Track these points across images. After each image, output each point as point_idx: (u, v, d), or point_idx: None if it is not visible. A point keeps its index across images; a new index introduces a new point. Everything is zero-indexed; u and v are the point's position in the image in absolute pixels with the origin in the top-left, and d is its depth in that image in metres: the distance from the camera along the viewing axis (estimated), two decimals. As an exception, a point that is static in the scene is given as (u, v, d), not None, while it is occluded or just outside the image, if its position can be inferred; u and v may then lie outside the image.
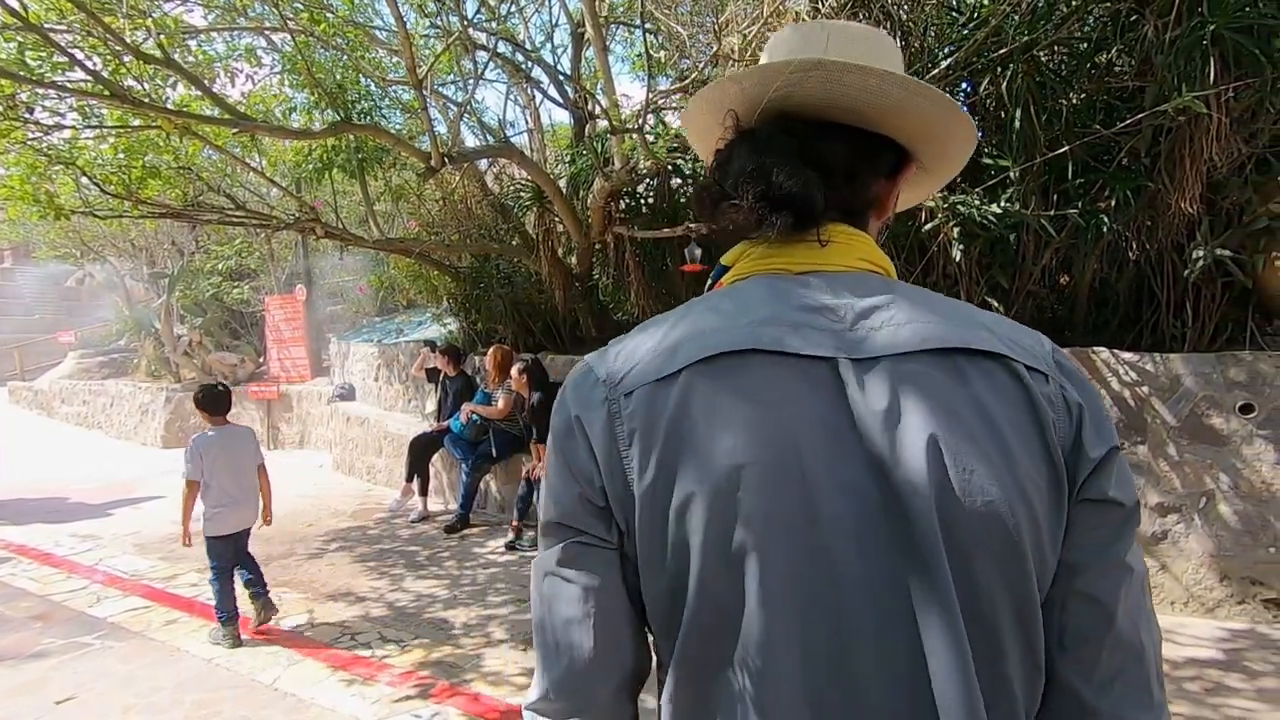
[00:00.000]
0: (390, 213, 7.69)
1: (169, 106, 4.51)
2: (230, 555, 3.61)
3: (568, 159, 5.97)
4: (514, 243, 6.21)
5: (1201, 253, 3.24)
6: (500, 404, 5.50)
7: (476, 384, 6.16)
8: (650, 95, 4.07)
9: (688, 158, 5.03)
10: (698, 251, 4.50)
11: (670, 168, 5.02)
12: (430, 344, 6.64)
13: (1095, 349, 3.51)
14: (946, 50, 3.86)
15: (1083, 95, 3.52)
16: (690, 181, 5.32)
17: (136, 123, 4.71)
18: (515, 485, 5.51)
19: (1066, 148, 3.38)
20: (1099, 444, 0.60)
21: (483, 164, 6.93)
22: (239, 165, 6.36)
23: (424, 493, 5.93)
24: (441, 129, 5.25)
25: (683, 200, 5.17)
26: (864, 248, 0.67)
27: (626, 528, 0.61)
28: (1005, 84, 3.45)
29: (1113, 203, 3.37)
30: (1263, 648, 2.98)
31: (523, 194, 5.93)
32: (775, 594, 0.56)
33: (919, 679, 0.55)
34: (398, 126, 6.37)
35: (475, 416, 5.59)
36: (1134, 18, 3.35)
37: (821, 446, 0.57)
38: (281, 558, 5.01)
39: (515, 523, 5.03)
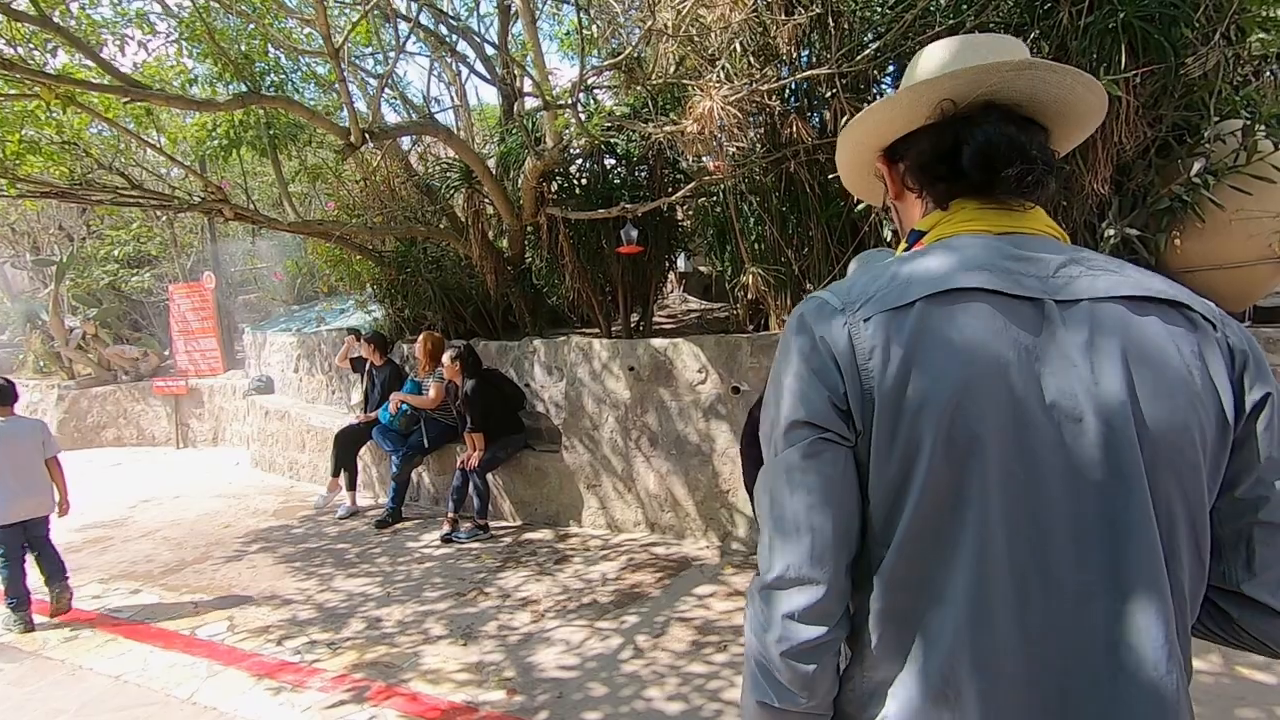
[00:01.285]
0: (307, 194, 7.26)
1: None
2: (17, 543, 3.72)
3: (496, 138, 5.78)
4: (442, 225, 5.97)
5: (1113, 231, 3.42)
6: (432, 393, 5.31)
7: (405, 373, 5.92)
8: (584, 71, 3.95)
9: (621, 137, 4.95)
10: (634, 233, 4.43)
11: (604, 147, 4.92)
12: (355, 332, 6.34)
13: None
14: (874, 33, 3.90)
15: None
16: (624, 162, 5.24)
17: (10, 91, 4.24)
18: (449, 476, 5.34)
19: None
20: (1260, 387, 0.72)
21: (405, 143, 6.63)
22: (134, 141, 5.85)
23: (352, 487, 5.68)
24: (361, 105, 4.97)
25: (617, 181, 5.08)
26: (1046, 218, 0.81)
27: (863, 427, 0.72)
28: (932, 66, 3.51)
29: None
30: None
31: (450, 174, 5.70)
32: (990, 485, 0.67)
33: (1110, 559, 0.66)
34: (311, 102, 6.00)
35: (405, 406, 5.37)
36: (1049, 4, 3.47)
37: (1031, 371, 0.69)
38: (196, 563, 4.69)
39: (450, 515, 4.87)
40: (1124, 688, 0.65)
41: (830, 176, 3.92)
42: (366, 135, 4.10)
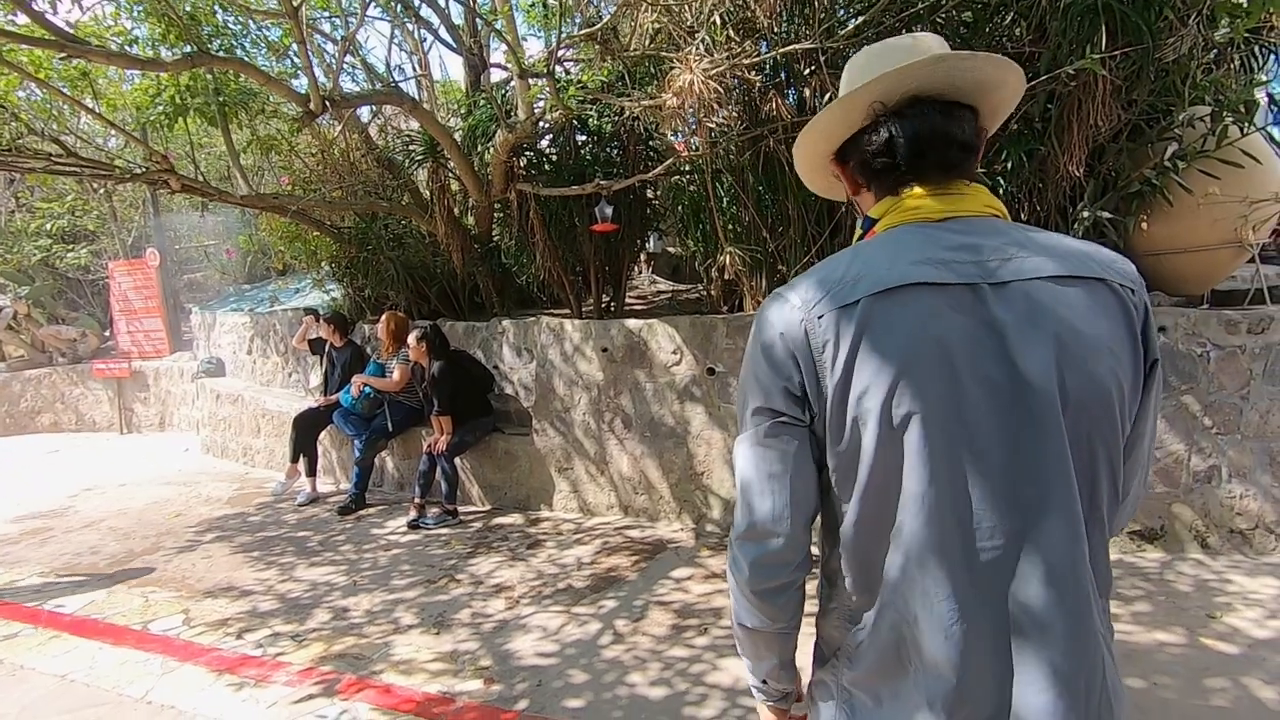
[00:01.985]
0: (259, 167, 6.91)
1: (-30, 27, 3.74)
2: None
3: (462, 111, 5.57)
4: (405, 201, 5.75)
5: (1087, 214, 3.45)
6: (396, 375, 5.13)
7: (367, 354, 5.72)
8: (559, 39, 3.80)
9: (594, 112, 4.81)
10: (608, 210, 4.32)
11: (576, 123, 4.78)
12: (313, 312, 6.08)
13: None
14: (854, 9, 3.85)
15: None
16: (596, 139, 5.10)
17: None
18: (415, 461, 5.19)
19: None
20: (1153, 350, 0.87)
21: (364, 115, 6.35)
22: (69, 105, 5.45)
23: (312, 473, 5.48)
24: (319, 72, 4.71)
25: (589, 157, 4.95)
26: (986, 196, 0.89)
27: (817, 411, 0.84)
28: (913, 44, 3.47)
29: (1008, 165, 3.51)
30: (1132, 575, 3.28)
31: (414, 148, 5.48)
32: (930, 450, 0.78)
33: (1035, 499, 0.79)
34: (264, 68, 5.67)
35: (368, 389, 5.19)
36: (1028, -16, 3.46)
37: (966, 349, 0.79)
38: (145, 553, 4.46)
39: (417, 500, 4.73)
40: (1046, 600, 0.79)
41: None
42: (327, 103, 3.89)
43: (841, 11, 3.95)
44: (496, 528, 4.58)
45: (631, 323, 4.49)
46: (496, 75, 6.35)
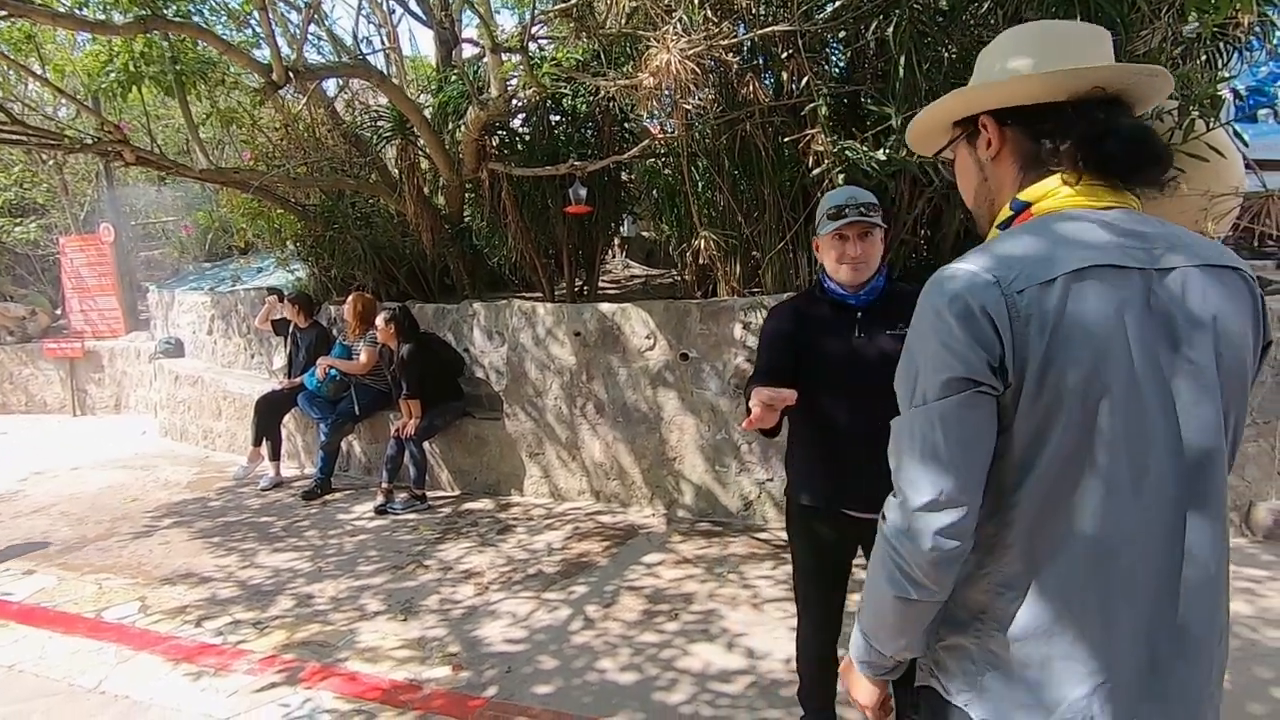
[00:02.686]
0: (219, 141, 6.66)
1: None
2: None
3: (433, 87, 5.42)
4: (373, 179, 5.59)
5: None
6: (363, 357, 5.02)
7: (333, 336, 5.58)
8: (534, 14, 3.70)
9: (568, 91, 4.72)
10: (582, 192, 4.25)
11: (550, 102, 4.68)
12: (276, 292, 5.91)
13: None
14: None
15: (958, 49, 3.61)
16: (570, 119, 5.01)
17: None
18: (382, 445, 5.10)
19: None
20: (1266, 335, 0.94)
21: (330, 88, 6.16)
22: (15, 69, 5.18)
23: (275, 457, 5.35)
24: (283, 43, 4.53)
25: (563, 138, 4.86)
26: (1133, 195, 0.95)
27: (1013, 381, 0.86)
28: (891, 30, 3.46)
29: (982, 154, 3.52)
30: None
31: (382, 124, 5.32)
32: (1115, 427, 0.85)
33: (1197, 477, 0.87)
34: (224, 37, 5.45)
35: (334, 371, 5.06)
36: (1006, -28, 3.45)
37: (1143, 331, 0.85)
38: (100, 539, 4.32)
39: (384, 485, 4.65)
40: (1191, 579, 0.87)
41: (785, 140, 3.85)
42: (290, 74, 3.74)
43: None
44: (466, 513, 4.52)
45: (605, 307, 4.44)
46: (468, 51, 6.20)
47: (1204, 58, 4.11)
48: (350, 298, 5.15)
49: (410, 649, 2.90)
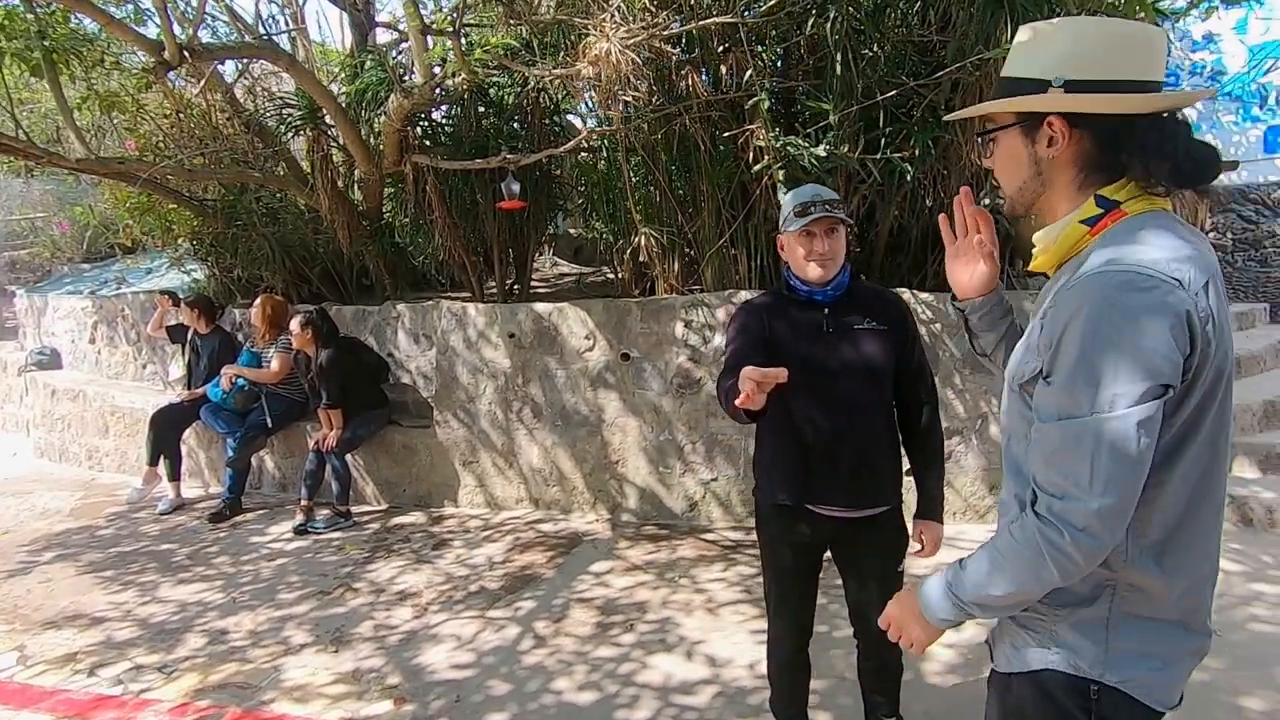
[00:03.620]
0: (99, 127, 5.99)
1: None
2: None
3: (346, 74, 5.06)
4: (280, 172, 5.18)
5: (986, 201, 3.59)
6: (275, 365, 4.63)
7: (239, 342, 5.14)
8: (461, -3, 3.48)
9: (497, 82, 4.50)
10: (515, 186, 4.06)
11: (477, 92, 4.45)
12: (171, 295, 5.38)
13: (898, 289, 3.78)
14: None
15: (891, 46, 3.66)
16: (497, 110, 4.79)
17: None
18: (299, 459, 4.73)
19: (879, 98, 3.51)
20: None
21: (228, 72, 5.66)
22: None
23: (175, 477, 4.86)
24: (177, 23, 4.09)
25: (491, 130, 4.64)
26: None
27: (1183, 382, 0.91)
28: (828, 27, 3.46)
29: (915, 151, 3.58)
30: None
31: (290, 112, 4.93)
32: (1226, 408, 0.97)
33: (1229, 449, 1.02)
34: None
35: (241, 381, 4.65)
36: (936, -26, 3.53)
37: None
38: (-35, 580, 3.77)
39: (304, 502, 4.30)
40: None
41: (724, 135, 3.80)
42: (185, 53, 3.37)
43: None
44: (396, 528, 4.25)
45: (541, 306, 4.27)
46: (383, 37, 5.85)
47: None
48: (258, 301, 4.74)
49: (345, 683, 2.66)
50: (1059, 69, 0.97)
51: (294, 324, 4.28)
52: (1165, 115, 0.96)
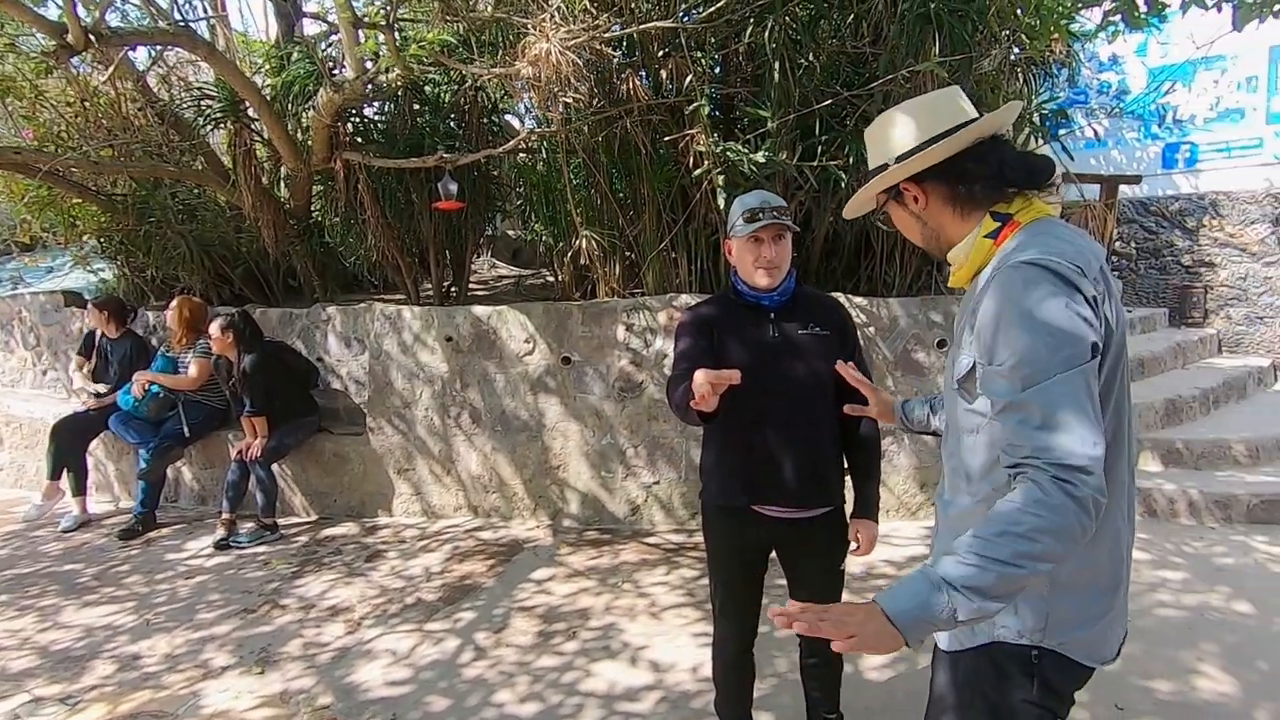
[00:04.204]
0: (-10, 114, 5.54)
1: None
2: None
3: (271, 66, 4.84)
4: (198, 166, 4.90)
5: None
6: (193, 370, 4.37)
7: (153, 346, 4.83)
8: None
9: (433, 79, 4.39)
10: (453, 187, 3.96)
11: (412, 89, 4.33)
12: (75, 296, 5.01)
13: (833, 294, 3.87)
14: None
15: (826, 57, 3.75)
16: (433, 108, 4.67)
17: None
18: (220, 470, 4.49)
19: (815, 106, 3.60)
20: None
21: (140, 59, 5.33)
22: None
23: (80, 492, 4.52)
24: (80, 5, 3.81)
25: (426, 128, 4.52)
26: None
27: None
28: (766, 36, 3.52)
29: (849, 160, 3.68)
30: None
31: (210, 103, 4.67)
32: (1125, 385, 1.13)
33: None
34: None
35: (155, 388, 4.37)
36: (867, -12, 3.64)
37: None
38: None
39: (226, 515, 4.07)
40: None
41: (665, 139, 3.81)
42: (91, 37, 3.14)
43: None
44: (327, 540, 4.07)
45: (479, 310, 4.18)
46: (311, 28, 5.62)
47: (1022, 80, 4.58)
48: (175, 303, 4.46)
49: (272, 706, 2.52)
50: (888, 153, 1.22)
51: (214, 327, 4.05)
52: (985, 141, 1.17)
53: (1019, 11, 3.68)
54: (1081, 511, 0.93)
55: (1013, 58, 4.30)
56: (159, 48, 4.88)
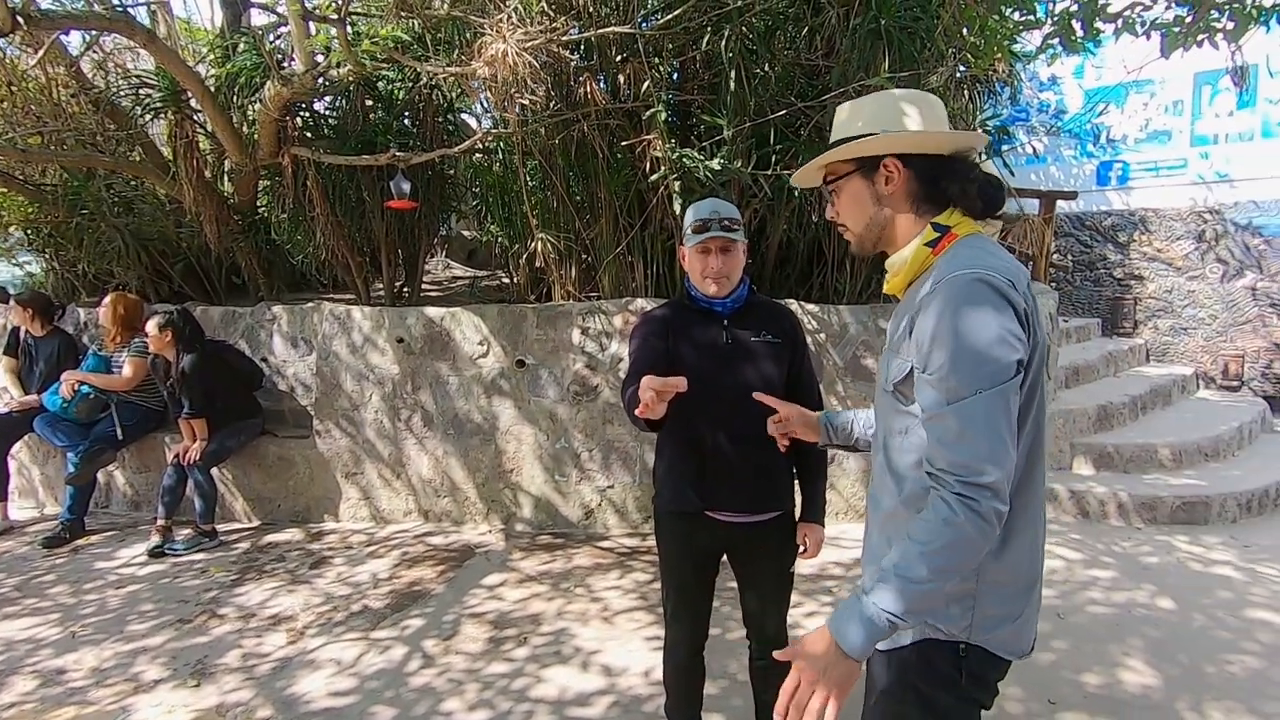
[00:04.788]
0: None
1: None
2: None
3: (216, 56, 4.68)
4: (136, 157, 4.70)
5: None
6: (128, 370, 4.18)
7: (82, 345, 4.61)
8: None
9: (387, 75, 4.31)
10: (406, 186, 3.89)
11: (364, 84, 4.24)
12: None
13: (787, 300, 3.94)
14: (665, 3, 3.85)
15: (781, 68, 3.83)
16: (387, 105, 4.58)
17: None
18: (155, 474, 4.31)
19: (770, 116, 3.66)
20: None
21: (74, 44, 5.09)
22: None
23: (2, 497, 4.28)
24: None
25: (379, 125, 4.43)
26: None
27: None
28: (723, 45, 3.57)
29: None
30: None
31: (149, 92, 4.48)
32: (1044, 398, 1.18)
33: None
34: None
35: (86, 388, 4.17)
36: (820, 3, 3.73)
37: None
38: None
39: (161, 521, 3.90)
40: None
41: (622, 144, 3.83)
42: (19, 20, 2.99)
43: (652, 2, 3.94)
44: (269, 547, 3.94)
45: (432, 311, 4.11)
46: (259, 19, 5.46)
47: (967, 96, 4.76)
48: (109, 299, 4.26)
49: (208, 720, 2.43)
50: (882, 122, 1.21)
51: (151, 325, 3.89)
52: (963, 158, 1.21)
53: (965, 31, 3.82)
54: (985, 524, 1.02)
55: (959, 75, 4.46)
56: (95, 32, 4.67)
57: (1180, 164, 6.16)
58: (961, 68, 4.27)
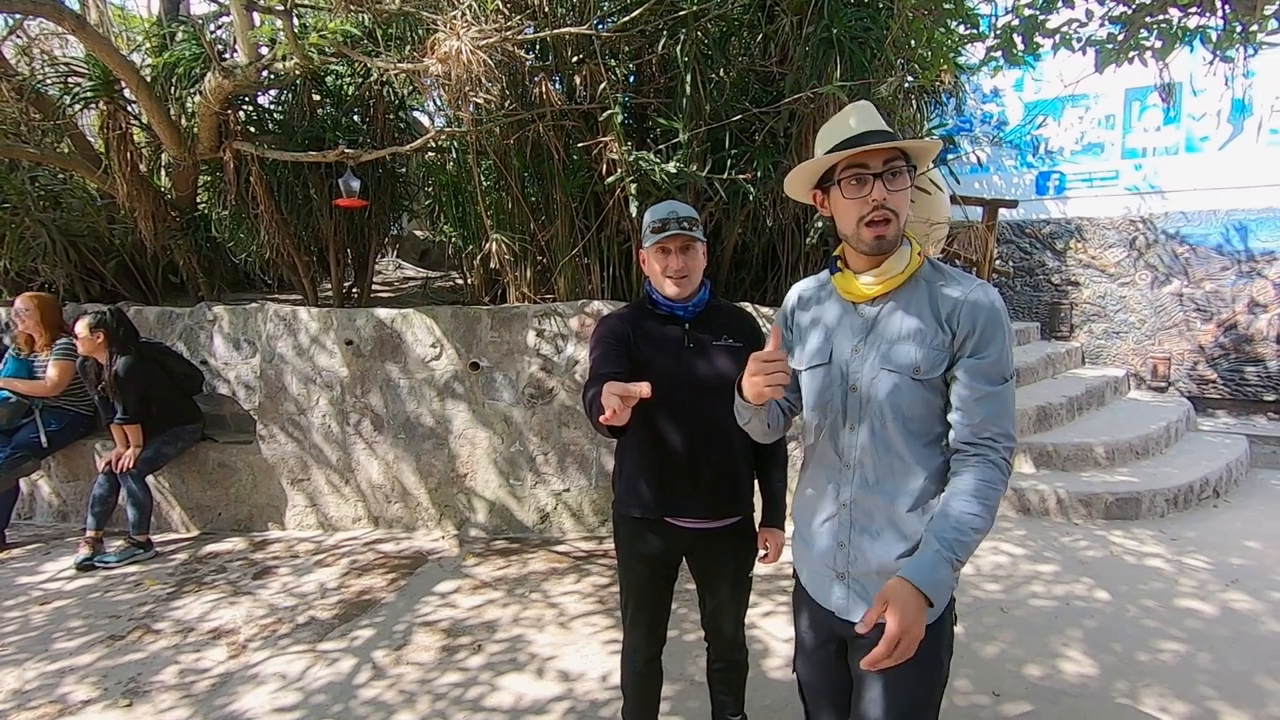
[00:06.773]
0: None
1: None
2: None
3: (153, 44, 4.47)
4: (64, 149, 4.46)
5: (821, 223, 3.89)
6: (53, 373, 3.96)
7: (1, 346, 4.34)
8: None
9: (335, 70, 4.18)
10: (355, 184, 3.79)
11: (312, 79, 4.11)
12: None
13: (742, 304, 3.98)
14: (622, 5, 3.85)
15: (736, 74, 3.87)
16: (335, 101, 4.46)
17: None
18: (84, 483, 4.10)
19: (726, 120, 3.69)
20: None
21: (-3, 29, 4.80)
22: None
23: (-88, 510, 3.99)
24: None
25: (328, 121, 4.30)
26: None
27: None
28: (679, 49, 3.58)
29: (758, 174, 3.80)
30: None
31: (78, 81, 4.26)
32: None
33: None
34: None
35: (6, 394, 3.93)
36: (774, 10, 3.78)
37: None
38: None
39: (91, 532, 3.71)
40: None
41: (578, 145, 3.81)
42: (-68, -1, 2.80)
43: (607, 4, 3.94)
44: (209, 557, 3.78)
45: (383, 312, 4.01)
46: (199, 8, 5.25)
47: (915, 106, 4.89)
48: (23, 299, 4.02)
49: (140, 742, 2.30)
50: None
51: (81, 326, 3.69)
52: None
53: (913, 42, 3.92)
54: (1008, 481, 1.26)
55: (907, 85, 4.58)
56: (17, 16, 4.41)
57: (1113, 175, 6.46)
58: (910, 78, 4.39)
